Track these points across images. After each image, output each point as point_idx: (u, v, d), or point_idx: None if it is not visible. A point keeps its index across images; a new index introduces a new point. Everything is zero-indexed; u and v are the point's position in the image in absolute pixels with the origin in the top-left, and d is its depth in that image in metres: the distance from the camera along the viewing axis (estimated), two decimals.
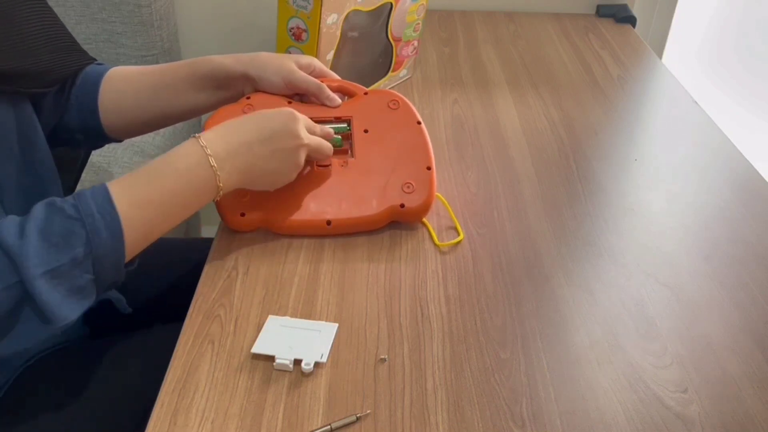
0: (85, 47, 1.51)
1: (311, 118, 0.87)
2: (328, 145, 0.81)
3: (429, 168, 0.84)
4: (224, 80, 0.87)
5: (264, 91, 0.88)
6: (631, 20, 1.50)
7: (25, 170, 0.76)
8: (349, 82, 0.92)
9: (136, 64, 1.49)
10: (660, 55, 1.63)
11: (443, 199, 0.88)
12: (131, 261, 0.68)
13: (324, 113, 0.88)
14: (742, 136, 1.16)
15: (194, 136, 0.71)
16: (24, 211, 0.76)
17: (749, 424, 0.64)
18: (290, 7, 0.96)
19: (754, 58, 1.86)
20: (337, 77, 0.92)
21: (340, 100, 0.89)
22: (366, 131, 0.87)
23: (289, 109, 0.77)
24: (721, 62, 1.88)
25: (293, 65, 0.87)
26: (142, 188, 0.67)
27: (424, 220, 0.84)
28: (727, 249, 0.85)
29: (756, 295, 0.78)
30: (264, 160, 0.74)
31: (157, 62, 1.50)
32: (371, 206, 0.81)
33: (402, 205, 0.81)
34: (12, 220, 0.61)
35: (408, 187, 0.82)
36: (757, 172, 0.99)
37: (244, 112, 0.85)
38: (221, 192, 0.71)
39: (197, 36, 1.60)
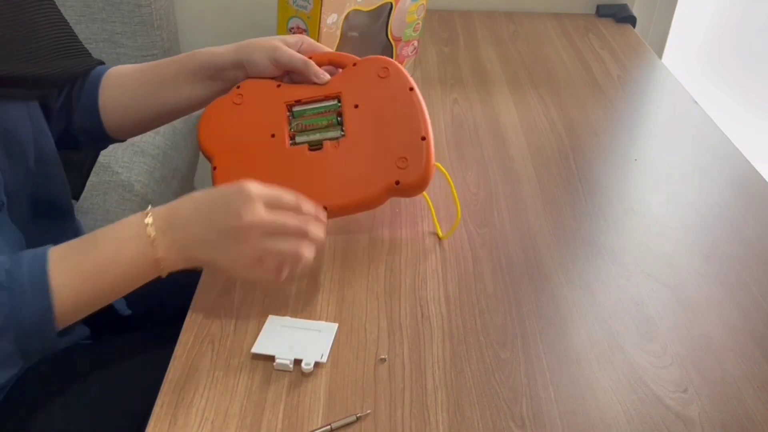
0: None
1: (299, 100, 0.82)
2: (298, 227, 0.67)
3: (424, 138, 0.77)
4: (216, 70, 0.85)
5: (254, 77, 0.84)
6: (631, 20, 1.50)
7: (35, 178, 0.76)
8: (338, 53, 0.87)
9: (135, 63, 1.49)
10: (660, 55, 1.63)
11: (443, 169, 0.83)
12: (68, 328, 0.65)
13: (313, 92, 0.83)
14: (742, 136, 1.15)
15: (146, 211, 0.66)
16: (30, 217, 0.76)
17: (749, 424, 0.64)
18: (290, 7, 0.96)
19: (754, 58, 1.86)
20: (328, 49, 0.87)
21: (328, 76, 0.83)
22: (356, 106, 0.81)
23: (244, 186, 0.65)
24: (721, 62, 1.87)
25: (279, 43, 0.84)
26: (77, 258, 0.64)
27: (426, 196, 0.82)
28: (727, 249, 0.85)
29: (756, 295, 0.78)
30: (206, 241, 0.65)
31: None
32: (366, 187, 0.77)
33: (397, 182, 0.76)
34: None
35: (402, 161, 0.77)
36: (757, 172, 0.99)
37: (235, 103, 0.82)
38: (164, 267, 0.65)
39: (197, 36, 1.60)
